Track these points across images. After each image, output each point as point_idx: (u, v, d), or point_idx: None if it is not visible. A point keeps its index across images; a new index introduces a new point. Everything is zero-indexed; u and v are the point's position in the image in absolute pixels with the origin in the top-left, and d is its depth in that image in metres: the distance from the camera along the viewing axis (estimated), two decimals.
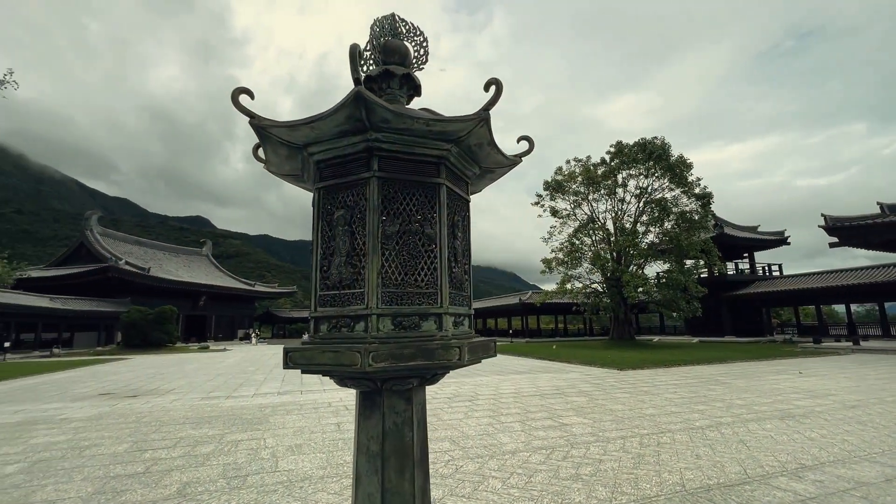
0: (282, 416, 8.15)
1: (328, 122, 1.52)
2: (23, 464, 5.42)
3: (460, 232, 1.81)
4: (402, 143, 1.63)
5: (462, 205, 1.89)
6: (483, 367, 16.82)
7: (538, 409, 8.34)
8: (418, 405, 1.74)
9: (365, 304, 1.53)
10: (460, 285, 1.79)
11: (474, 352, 1.63)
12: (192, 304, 51.64)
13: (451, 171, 1.78)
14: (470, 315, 1.86)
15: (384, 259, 1.58)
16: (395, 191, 1.64)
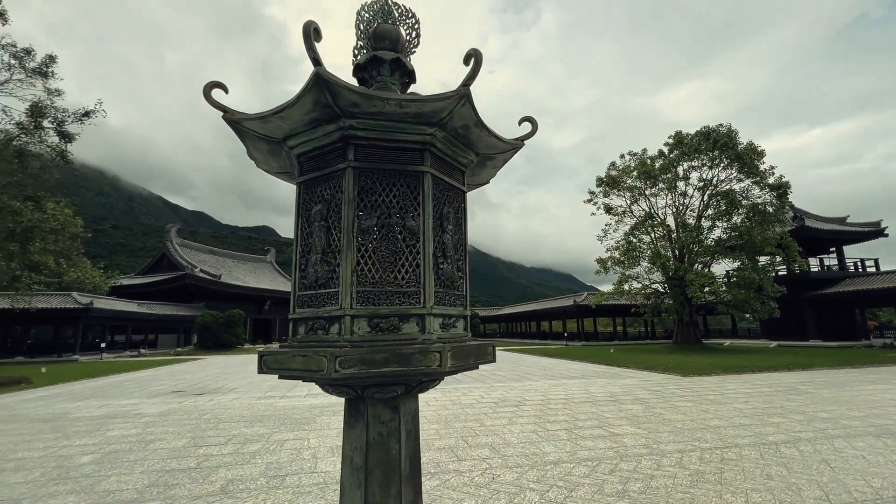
0: (328, 416, 8.33)
1: (296, 110, 1.42)
2: (96, 454, 5.91)
3: (451, 225, 1.65)
4: (379, 129, 1.50)
5: (455, 195, 1.73)
6: (534, 371, 16.34)
7: (588, 416, 7.88)
8: (408, 415, 1.60)
9: (339, 305, 1.41)
10: (451, 283, 1.62)
11: (461, 357, 1.45)
12: (258, 308, 55.04)
13: (438, 159, 1.63)
14: (465, 316, 1.69)
15: (360, 255, 1.45)
16: (374, 181, 1.51)
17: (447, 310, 1.56)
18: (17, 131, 20.30)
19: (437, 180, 1.61)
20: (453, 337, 1.57)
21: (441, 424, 7.40)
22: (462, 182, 1.80)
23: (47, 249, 22.92)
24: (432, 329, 1.46)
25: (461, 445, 6.02)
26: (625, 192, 30.02)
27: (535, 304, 56.20)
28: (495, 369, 17.54)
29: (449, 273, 1.60)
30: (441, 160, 1.65)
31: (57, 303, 28.86)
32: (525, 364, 20.15)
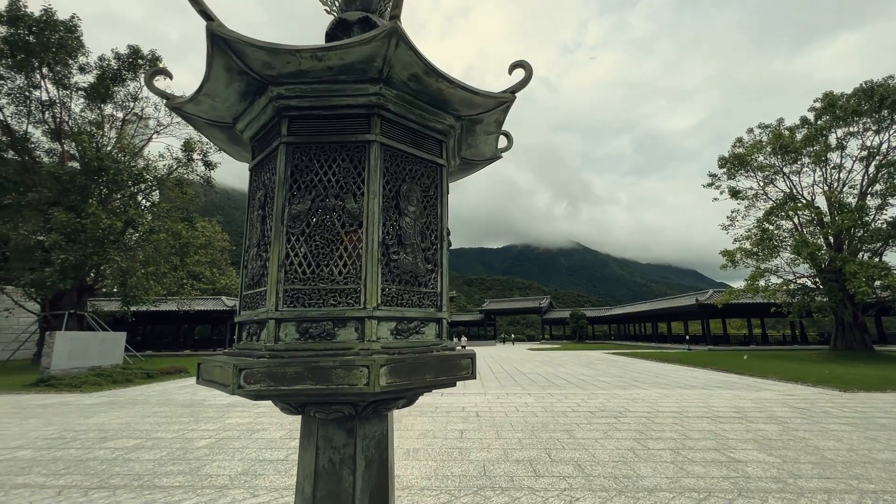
0: (414, 417, 8.36)
1: (215, 84, 1.24)
2: (212, 440, 6.67)
3: (414, 206, 1.33)
4: (312, 95, 1.25)
5: (424, 170, 1.40)
6: (644, 379, 14.70)
7: (703, 435, 6.69)
8: (368, 440, 1.31)
9: (266, 307, 1.19)
10: (413, 279, 1.30)
11: (407, 373, 1.12)
12: None
13: (395, 125, 1.32)
14: (438, 320, 1.34)
15: (290, 247, 1.21)
16: (311, 158, 1.27)
17: (404, 311, 1.24)
18: (176, 164, 24.60)
19: (390, 151, 1.30)
20: (410, 346, 1.24)
21: (525, 433, 6.91)
22: (440, 154, 1.46)
23: (201, 261, 27.35)
24: (375, 336, 1.16)
25: (542, 459, 5.50)
26: (755, 172, 25.66)
27: (651, 304, 51.12)
28: (599, 375, 16.21)
29: (408, 265, 1.27)
30: (400, 127, 1.33)
31: (210, 305, 34.37)
32: (634, 370, 18.29)
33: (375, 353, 1.12)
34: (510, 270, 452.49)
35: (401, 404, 1.32)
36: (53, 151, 23.39)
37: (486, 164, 1.85)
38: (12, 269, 19.50)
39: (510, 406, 9.48)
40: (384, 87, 1.24)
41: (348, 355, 1.11)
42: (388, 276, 1.23)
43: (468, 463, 5.35)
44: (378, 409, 1.27)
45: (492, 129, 1.54)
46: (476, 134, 1.58)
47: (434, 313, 1.33)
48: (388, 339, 1.19)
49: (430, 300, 1.34)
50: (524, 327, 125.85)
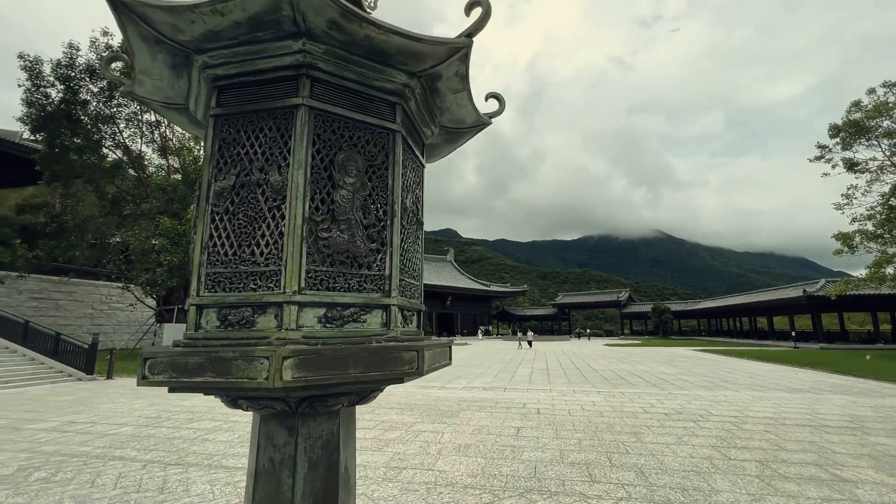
0: (473, 411, 8.24)
1: (142, 59, 1.18)
2: None
3: (352, 177, 1.17)
4: (237, 59, 1.14)
5: (366, 136, 1.23)
6: (735, 379, 13.18)
7: (802, 447, 5.75)
8: (314, 440, 1.18)
9: (191, 292, 1.10)
10: (352, 259, 1.14)
11: (323, 367, 0.97)
12: (441, 304, 60.20)
13: (330, 86, 1.17)
14: (384, 307, 1.17)
15: (213, 227, 1.12)
16: (238, 130, 1.16)
17: (336, 296, 1.09)
18: None
19: (324, 116, 1.15)
20: (344, 337, 1.08)
21: (586, 434, 6.45)
22: (392, 118, 1.28)
23: None
24: (294, 323, 1.02)
25: (602, 463, 5.07)
26: (879, 140, 21.75)
27: (747, 296, 45.88)
28: (682, 373, 14.84)
29: (343, 244, 1.12)
30: (337, 88, 1.18)
31: None
32: (725, 369, 16.49)
33: (290, 343, 0.98)
34: (586, 263, 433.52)
35: (346, 402, 1.17)
36: (161, 166, 26.63)
37: (471, 133, 1.63)
38: (133, 270, 22.58)
39: (575, 404, 8.97)
40: (308, 42, 1.09)
41: (260, 345, 0.98)
42: (315, 256, 1.08)
43: (519, 462, 5.10)
44: (315, 407, 1.14)
45: (456, 85, 1.32)
46: (441, 94, 1.37)
47: (379, 299, 1.16)
48: (312, 328, 1.05)
49: (374, 284, 1.17)
50: (603, 322, 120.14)
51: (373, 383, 1.08)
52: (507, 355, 25.09)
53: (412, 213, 1.38)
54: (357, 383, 1.04)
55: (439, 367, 1.30)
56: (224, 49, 1.13)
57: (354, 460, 1.31)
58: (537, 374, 14.78)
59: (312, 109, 1.13)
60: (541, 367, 17.75)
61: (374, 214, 1.19)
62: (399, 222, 1.24)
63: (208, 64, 1.16)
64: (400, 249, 1.25)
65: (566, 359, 22.17)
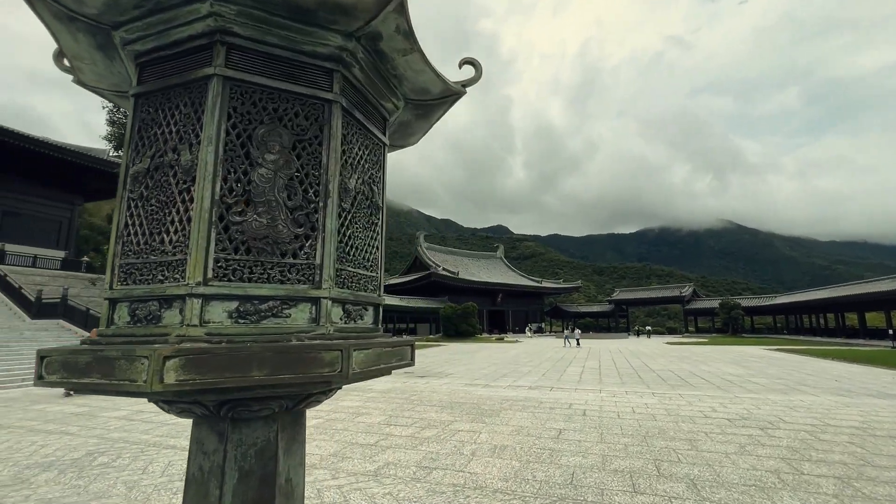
0: (515, 411, 7.98)
1: (65, 41, 1.12)
2: (320, 420, 7.26)
3: (274, 154, 1.04)
4: (152, 32, 1.05)
5: (294, 108, 1.10)
6: (816, 382, 11.83)
7: (894, 463, 4.97)
8: (245, 447, 1.07)
9: None
10: (273, 246, 1.01)
11: (217, 369, 0.85)
12: (491, 300, 59.77)
13: (251, 53, 1.05)
14: (313, 300, 1.04)
15: (129, 214, 1.03)
16: (156, 109, 1.07)
17: (250, 288, 0.97)
18: None
19: (241, 87, 1.03)
20: (259, 334, 0.95)
21: (635, 439, 5.99)
22: (329, 87, 1.14)
23: None
24: (198, 319, 0.91)
25: (648, 472, 4.66)
26: None
27: (833, 290, 41.25)
28: (751, 375, 13.57)
29: (260, 229, 0.99)
30: (259, 55, 1.05)
31: None
32: (804, 370, 14.87)
33: (187, 341, 0.87)
34: (646, 257, 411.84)
35: (276, 407, 1.05)
36: None
37: (443, 106, 1.45)
38: None
39: (625, 406, 8.43)
40: (216, 3, 0.97)
41: (158, 342, 0.88)
42: (225, 242, 0.96)
43: (556, 467, 4.81)
44: (239, 412, 1.02)
45: (401, 44, 1.15)
46: (389, 57, 1.20)
47: (306, 291, 1.02)
48: (221, 324, 0.93)
49: (300, 274, 1.03)
50: (665, 319, 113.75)
51: (280, 387, 0.94)
52: (557, 353, 24.33)
53: (363, 196, 1.23)
54: (264, 387, 0.91)
55: (385, 370, 1.14)
56: (137, 21, 1.04)
57: (301, 471, 1.18)
58: (588, 374, 14.14)
59: (227, 80, 1.01)
60: (593, 366, 16.99)
61: (301, 195, 1.06)
62: (336, 204, 1.09)
63: (126, 40, 1.08)
64: (338, 235, 1.10)
65: (621, 358, 21.09)
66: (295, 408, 1.09)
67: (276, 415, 1.10)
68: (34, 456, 5.37)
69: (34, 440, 6.12)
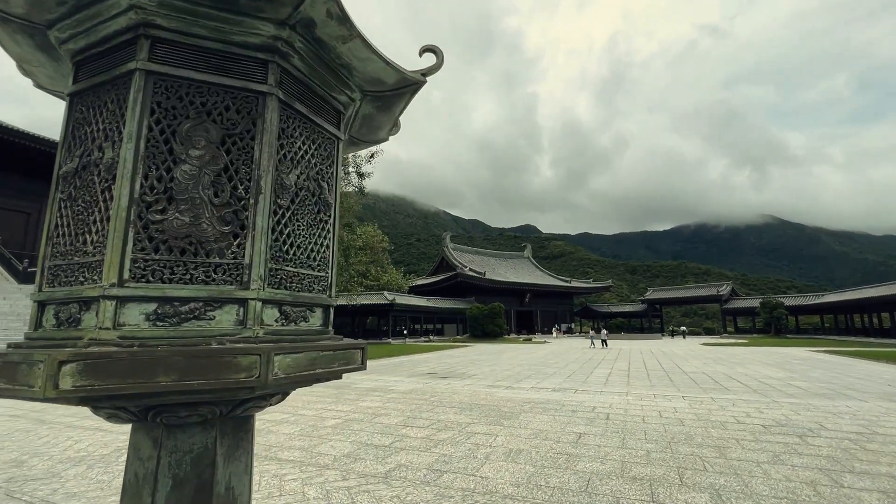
0: (536, 413, 7.81)
1: (8, 45, 1.12)
2: (340, 420, 7.33)
3: (199, 149, 1.00)
4: (81, 29, 1.04)
5: (223, 101, 1.06)
6: (864, 386, 11.03)
7: None
8: (180, 454, 1.04)
9: None
10: (195, 246, 0.98)
11: (119, 375, 0.81)
12: (519, 301, 59.15)
13: (177, 46, 1.01)
14: (240, 301, 0.99)
15: (59, 215, 1.02)
16: (87, 108, 1.06)
17: (169, 289, 0.93)
18: None
19: (166, 81, 0.99)
20: (178, 337, 0.91)
21: (658, 445, 5.73)
22: (263, 79, 1.10)
23: (362, 261, 31.10)
24: (111, 321, 0.87)
25: (670, 481, 4.43)
26: None
27: (887, 287, 38.46)
28: (793, 378, 12.80)
29: (182, 228, 0.95)
30: (186, 48, 1.02)
31: (375, 300, 38.88)
32: (852, 374, 13.91)
33: (95, 345, 0.84)
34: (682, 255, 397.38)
35: (207, 413, 1.01)
36: None
37: (403, 97, 1.37)
38: None
39: (652, 410, 8.09)
40: None
41: (67, 346, 0.85)
42: (144, 242, 0.93)
43: (571, 473, 4.64)
44: (167, 418, 0.98)
45: (337, 31, 1.07)
46: (329, 46, 1.14)
47: (232, 292, 0.97)
48: (137, 326, 0.90)
49: (227, 274, 0.99)
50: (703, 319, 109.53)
51: (195, 394, 0.90)
52: (585, 355, 23.77)
53: (307, 192, 1.18)
54: (172, 394, 0.87)
55: (325, 376, 1.08)
56: (66, 19, 1.03)
57: (247, 479, 1.14)
58: (616, 376, 13.71)
59: (151, 74, 0.98)
60: (621, 367, 16.48)
61: (229, 192, 1.01)
62: (269, 201, 1.04)
63: (60, 39, 1.07)
64: (272, 233, 1.05)
65: (652, 359, 20.37)
66: (231, 413, 1.05)
67: (213, 420, 1.06)
68: (68, 451, 5.64)
69: (70, 435, 6.45)
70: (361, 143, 1.72)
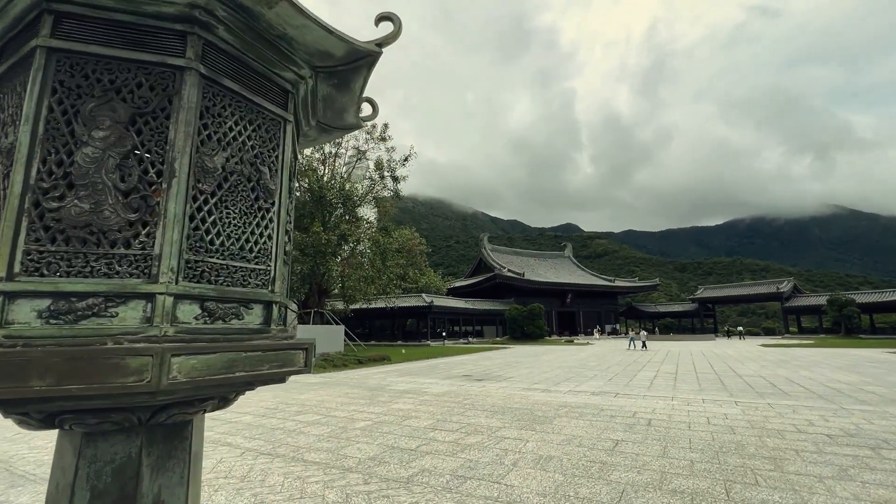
0: (571, 418, 7.46)
1: None
2: (369, 423, 7.33)
3: (104, 131, 0.91)
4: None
5: (135, 79, 0.96)
6: None
7: None
8: (100, 464, 0.95)
9: None
10: (97, 235, 0.89)
11: None
12: (560, 301, 57.75)
13: (87, 21, 0.94)
14: (147, 296, 0.89)
15: None
16: (3, 93, 0.99)
17: (63, 284, 0.84)
18: (371, 184, 28.93)
19: (70, 58, 0.92)
20: (73, 337, 0.82)
21: (704, 454, 5.27)
22: (181, 52, 0.99)
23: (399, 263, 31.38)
24: None
25: (714, 495, 4.03)
26: None
27: None
28: (866, 383, 11.57)
29: (82, 216, 0.86)
30: (98, 23, 0.94)
31: (413, 302, 39.19)
32: None
33: None
34: (736, 250, 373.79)
35: (121, 420, 0.91)
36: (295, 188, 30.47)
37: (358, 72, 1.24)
38: None
39: (699, 416, 7.52)
40: None
41: None
42: (39, 232, 0.85)
43: (604, 484, 4.34)
44: (73, 425, 0.90)
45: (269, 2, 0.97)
46: (254, 12, 1.02)
47: (137, 286, 0.87)
48: (29, 325, 0.81)
49: (132, 267, 0.89)
50: (762, 319, 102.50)
51: (78, 399, 0.80)
52: (629, 357, 22.73)
53: (240, 177, 1.07)
54: (57, 399, 0.77)
55: (249, 380, 0.96)
56: None
57: (181, 491, 1.04)
58: (661, 379, 12.96)
59: (54, 51, 0.90)
60: (668, 370, 15.58)
61: (137, 176, 0.92)
62: (186, 185, 0.94)
63: None
64: (190, 221, 0.95)
65: (703, 361, 19.15)
66: (152, 421, 0.96)
67: (137, 428, 0.97)
68: None
69: None
70: (334, 130, 1.61)
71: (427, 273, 41.39)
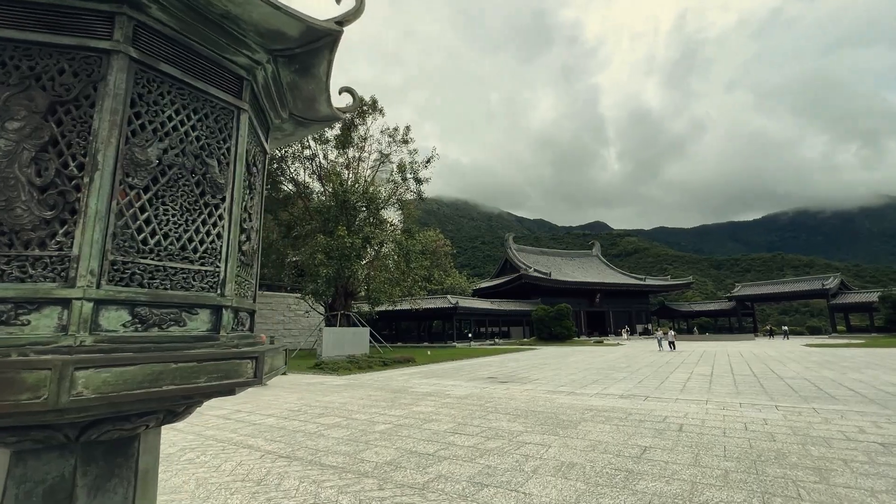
0: (596, 423, 7.18)
1: None
2: (390, 425, 7.27)
3: (19, 121, 0.83)
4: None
5: (57, 64, 0.88)
6: None
7: None
8: (30, 484, 0.88)
9: None
10: (8, 235, 0.80)
11: None
12: (589, 301, 56.48)
13: (1, 4, 0.86)
14: (63, 301, 0.80)
15: None
16: None
17: None
18: (394, 186, 29.09)
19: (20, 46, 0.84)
20: None
21: (740, 464, 4.92)
22: (107, 34, 0.91)
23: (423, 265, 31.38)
24: None
25: None
26: None
27: None
28: None
29: None
30: (14, 5, 0.86)
31: (439, 303, 39.15)
32: None
33: None
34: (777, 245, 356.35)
35: (43, 438, 0.83)
36: (320, 193, 31.00)
37: (319, 52, 1.13)
38: (304, 283, 26.74)
39: (735, 421, 7.09)
40: None
41: None
42: None
43: (629, 494, 4.10)
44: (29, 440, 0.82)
45: None
46: None
47: (51, 291, 0.79)
48: None
49: (48, 269, 0.80)
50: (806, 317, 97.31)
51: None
52: (662, 358, 21.91)
53: (182, 170, 0.98)
54: None
55: (178, 394, 0.86)
56: None
57: None
58: (695, 381, 12.38)
59: None
60: (703, 372, 14.89)
61: (55, 171, 0.84)
62: (112, 179, 0.85)
63: None
64: (118, 218, 0.86)
65: (741, 363, 18.22)
66: (82, 437, 0.87)
67: (71, 445, 0.89)
68: None
69: None
70: (311, 123, 1.51)
71: (452, 274, 41.28)
